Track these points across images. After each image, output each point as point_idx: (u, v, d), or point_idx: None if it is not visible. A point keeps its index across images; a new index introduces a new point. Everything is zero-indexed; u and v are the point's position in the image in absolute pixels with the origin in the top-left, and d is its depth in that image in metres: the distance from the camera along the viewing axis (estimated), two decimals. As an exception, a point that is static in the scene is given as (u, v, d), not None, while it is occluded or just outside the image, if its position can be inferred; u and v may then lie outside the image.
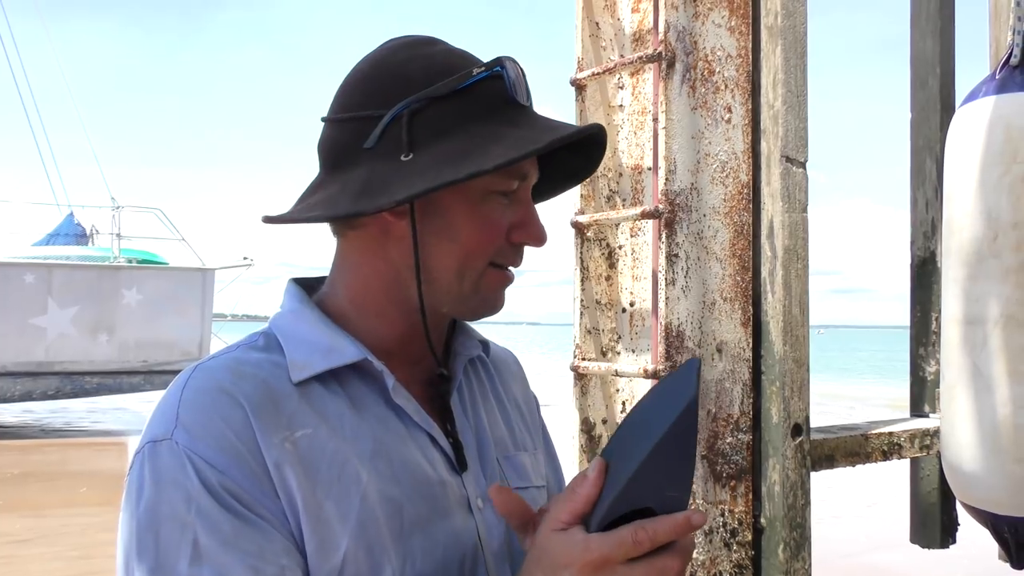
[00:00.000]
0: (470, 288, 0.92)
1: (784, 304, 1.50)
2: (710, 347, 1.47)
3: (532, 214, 0.94)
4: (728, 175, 1.50)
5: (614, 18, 1.62)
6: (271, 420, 0.83)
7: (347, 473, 0.84)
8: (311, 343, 0.90)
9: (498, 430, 1.04)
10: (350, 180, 0.90)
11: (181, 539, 0.76)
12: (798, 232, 1.52)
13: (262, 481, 0.80)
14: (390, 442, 0.89)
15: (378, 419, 0.90)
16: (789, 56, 1.52)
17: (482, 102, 0.90)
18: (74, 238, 16.22)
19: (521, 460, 1.04)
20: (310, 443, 0.84)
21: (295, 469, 0.82)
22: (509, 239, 0.92)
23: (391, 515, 0.85)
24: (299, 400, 0.86)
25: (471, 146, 0.87)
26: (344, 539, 0.82)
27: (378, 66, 0.93)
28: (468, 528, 0.92)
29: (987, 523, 1.48)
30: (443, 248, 0.90)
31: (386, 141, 0.89)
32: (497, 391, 1.09)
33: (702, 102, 1.48)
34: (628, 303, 1.57)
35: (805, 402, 1.52)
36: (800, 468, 1.50)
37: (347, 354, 0.90)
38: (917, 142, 2.10)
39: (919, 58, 2.10)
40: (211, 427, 0.81)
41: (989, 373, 1.39)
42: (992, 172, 1.40)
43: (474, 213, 0.90)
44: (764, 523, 1.49)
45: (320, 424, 0.85)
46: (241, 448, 0.80)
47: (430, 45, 0.94)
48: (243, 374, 0.85)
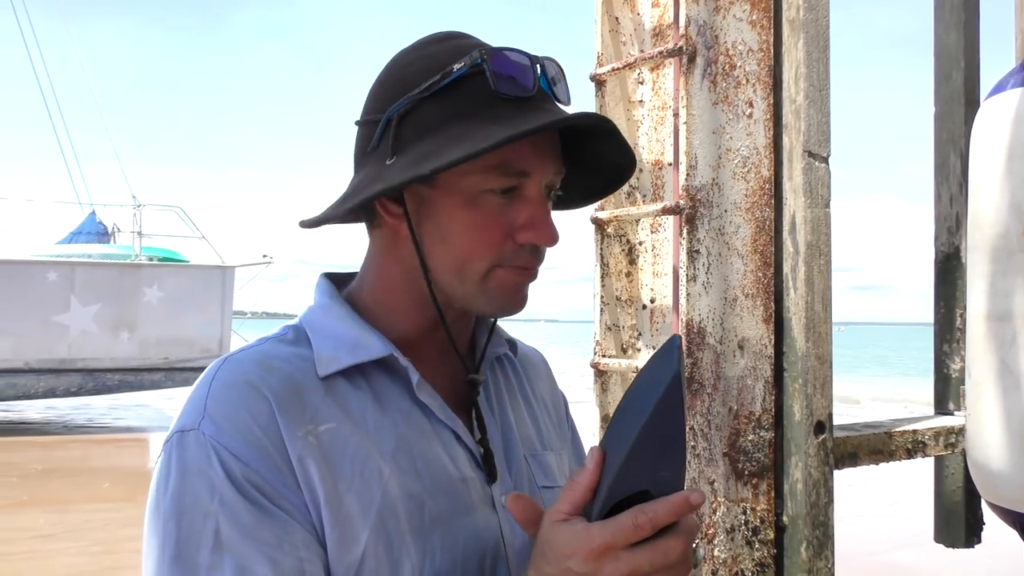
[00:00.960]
0: (474, 289, 0.91)
1: (807, 300, 1.48)
2: (731, 344, 1.45)
3: (537, 213, 0.90)
4: (750, 170, 1.49)
5: (634, 13, 1.61)
6: (296, 414, 0.84)
7: (369, 468, 0.85)
8: (338, 338, 0.91)
9: (525, 429, 1.03)
10: (353, 183, 0.93)
11: (203, 528, 0.78)
12: (821, 228, 1.50)
13: (285, 474, 0.81)
14: (413, 438, 0.89)
15: (402, 415, 0.90)
16: (811, 50, 1.50)
17: (467, 99, 0.88)
18: (96, 236, 16.37)
19: (548, 459, 1.04)
20: (333, 437, 0.85)
21: (318, 463, 0.82)
22: (515, 239, 0.90)
23: (412, 510, 0.86)
24: (324, 394, 0.87)
25: (437, 147, 0.86)
26: (364, 533, 0.83)
27: (388, 69, 0.94)
28: (491, 526, 0.92)
29: (1015, 523, 1.46)
30: (438, 250, 0.90)
31: (382, 145, 0.90)
32: (524, 390, 1.08)
33: (723, 97, 1.46)
34: (648, 299, 1.56)
35: (828, 399, 1.50)
36: (823, 466, 1.49)
37: (373, 349, 0.90)
38: (941, 136, 2.07)
39: (943, 51, 2.08)
40: (237, 419, 0.82)
41: (1019, 370, 1.36)
42: (1020, 164, 1.38)
43: (463, 215, 0.89)
44: (786, 521, 1.48)
45: (344, 419, 0.86)
46: (266, 441, 0.82)
47: (440, 42, 0.93)
48: (271, 368, 0.86)
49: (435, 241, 0.90)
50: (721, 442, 1.43)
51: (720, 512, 1.43)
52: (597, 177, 1.00)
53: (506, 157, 0.86)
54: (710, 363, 1.42)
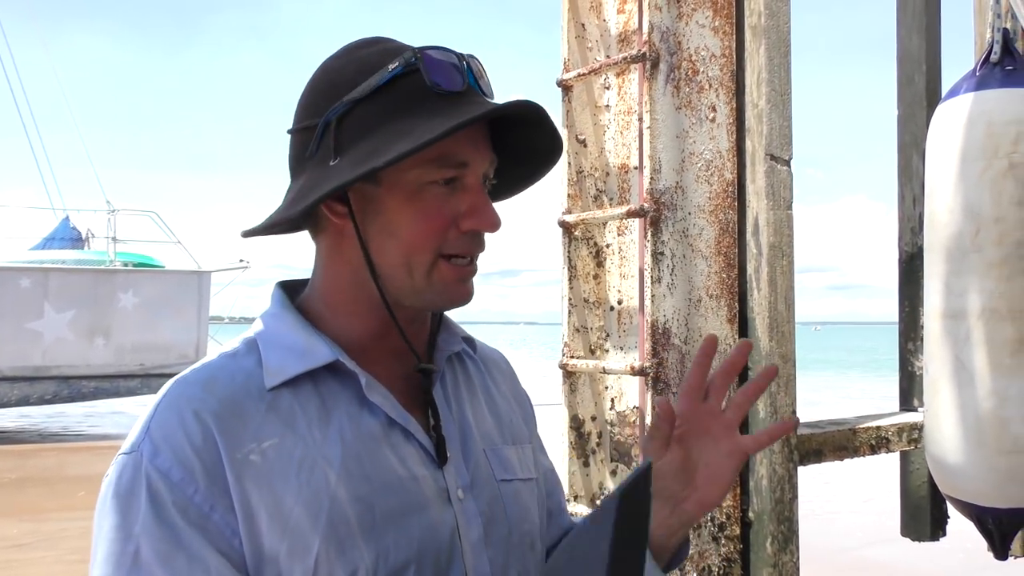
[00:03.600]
0: (422, 281, 0.93)
1: (770, 300, 1.51)
2: (696, 344, 1.48)
3: (479, 200, 0.94)
4: (713, 173, 1.52)
5: (600, 19, 1.63)
6: (237, 434, 0.87)
7: (316, 477, 0.87)
8: (287, 346, 0.94)
9: (484, 424, 1.05)
10: (293, 189, 0.95)
11: (125, 549, 0.82)
12: (783, 229, 1.53)
13: (217, 498, 0.84)
14: (360, 442, 0.92)
15: (350, 419, 0.92)
16: (773, 55, 1.54)
17: (403, 97, 0.91)
18: (70, 242, 16.18)
19: (507, 453, 1.06)
20: (278, 452, 0.87)
21: (260, 481, 0.85)
22: (459, 228, 0.93)
23: (362, 513, 0.88)
24: (268, 408, 0.89)
25: (380, 144, 0.89)
26: (316, 541, 0.85)
27: (319, 75, 0.96)
28: (445, 520, 0.94)
29: (971, 515, 1.50)
30: (387, 245, 0.93)
31: (322, 148, 0.93)
32: (487, 386, 1.11)
33: (686, 101, 1.49)
34: (616, 301, 1.59)
35: (792, 397, 1.54)
36: (787, 463, 1.52)
37: (320, 356, 0.93)
38: (904, 138, 2.12)
39: (905, 55, 2.12)
40: (174, 442, 0.85)
41: (972, 367, 1.40)
42: (973, 167, 1.42)
43: (410, 207, 0.92)
44: (752, 517, 1.51)
45: (288, 431, 0.89)
46: (199, 465, 0.84)
47: (369, 46, 0.96)
48: (214, 388, 0.89)
49: (383, 236, 0.93)
50: (687, 440, 1.46)
51: (686, 509, 1.45)
52: (524, 167, 1.03)
53: (446, 149, 0.90)
54: (675, 363, 1.44)
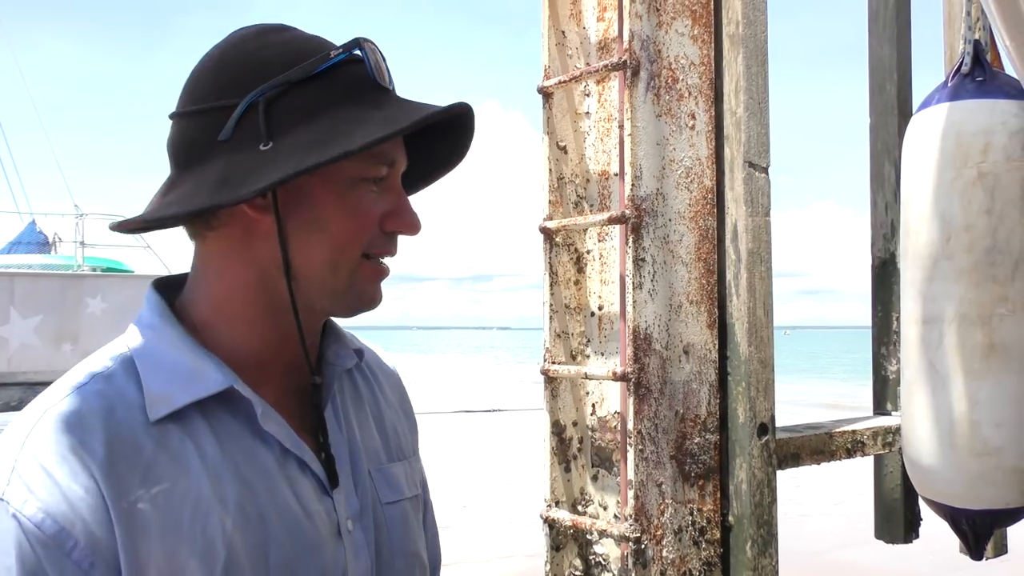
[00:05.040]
0: (345, 282, 0.89)
1: (749, 306, 1.53)
2: (677, 349, 1.49)
3: (404, 201, 0.91)
4: (693, 180, 1.53)
5: (580, 27, 1.65)
6: (123, 479, 0.78)
7: (211, 524, 0.81)
8: (171, 369, 0.85)
9: (372, 441, 1.00)
10: (206, 174, 0.85)
11: None
12: (761, 236, 1.56)
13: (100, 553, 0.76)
14: (256, 480, 0.85)
15: (246, 454, 0.86)
16: (750, 64, 1.56)
17: (343, 85, 0.87)
18: (36, 246, 15.95)
19: (393, 471, 1.01)
20: (168, 498, 0.80)
21: (152, 532, 0.78)
22: (382, 228, 0.89)
23: (257, 561, 0.82)
24: (156, 446, 0.81)
25: (335, 130, 0.84)
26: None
27: (229, 55, 0.88)
28: (337, 558, 0.89)
29: (947, 516, 1.53)
30: (313, 241, 0.86)
31: (243, 131, 0.85)
32: (374, 396, 1.05)
33: (666, 109, 1.51)
34: (597, 307, 1.60)
35: (770, 402, 1.56)
36: (766, 467, 1.54)
37: (211, 382, 0.85)
38: (876, 146, 2.15)
39: (877, 64, 2.16)
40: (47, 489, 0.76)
41: (945, 371, 1.43)
42: (945, 177, 1.45)
43: (343, 202, 0.87)
44: (732, 521, 1.53)
45: (180, 473, 0.81)
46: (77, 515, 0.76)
47: (282, 32, 0.91)
48: (93, 423, 0.80)
49: (309, 231, 0.86)
50: (668, 445, 1.47)
51: (668, 513, 1.47)
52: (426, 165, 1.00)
53: (384, 146, 0.87)
54: (656, 368, 1.46)
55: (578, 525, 1.54)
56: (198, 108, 0.87)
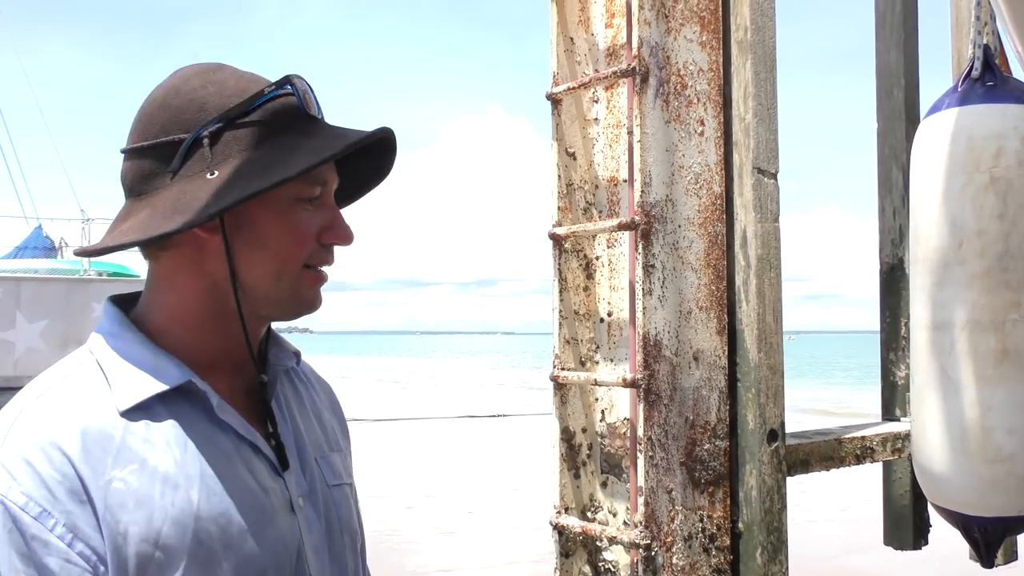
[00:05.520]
0: (287, 291, 1.00)
1: (758, 312, 1.53)
2: (687, 355, 1.49)
3: (338, 216, 1.03)
4: (702, 186, 1.53)
5: (588, 33, 1.65)
6: (99, 463, 0.88)
7: (179, 497, 0.91)
8: (134, 367, 0.95)
9: (313, 433, 1.12)
10: (159, 203, 0.96)
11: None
12: (770, 242, 1.55)
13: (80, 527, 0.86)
14: (217, 459, 0.96)
15: (205, 437, 0.96)
16: (759, 70, 1.56)
17: (276, 118, 0.98)
18: (43, 251, 16.00)
19: (334, 459, 1.14)
20: (140, 477, 0.90)
21: (130, 505, 0.88)
22: (319, 241, 1.01)
23: (223, 528, 0.93)
24: (125, 432, 0.91)
25: (272, 158, 0.95)
26: (183, 557, 0.90)
27: (173, 95, 0.99)
28: (292, 528, 1.00)
29: (958, 524, 1.52)
30: (257, 256, 0.98)
31: (191, 163, 0.96)
32: (311, 396, 1.18)
33: (675, 115, 1.51)
34: (606, 313, 1.60)
35: (780, 408, 1.55)
36: (776, 473, 1.53)
37: (171, 377, 0.95)
38: (884, 151, 2.15)
39: (884, 69, 2.15)
40: (29, 475, 0.86)
41: (957, 377, 1.43)
42: (955, 182, 1.44)
43: (282, 221, 0.98)
44: (742, 528, 1.52)
45: (149, 454, 0.91)
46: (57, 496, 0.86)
47: (219, 71, 1.02)
48: (68, 416, 0.90)
49: (253, 248, 0.98)
50: (678, 451, 1.47)
51: (678, 520, 1.46)
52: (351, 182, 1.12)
53: (316, 169, 0.97)
54: (666, 375, 1.46)
55: (587, 532, 1.54)
56: (149, 143, 0.98)
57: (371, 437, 15.96)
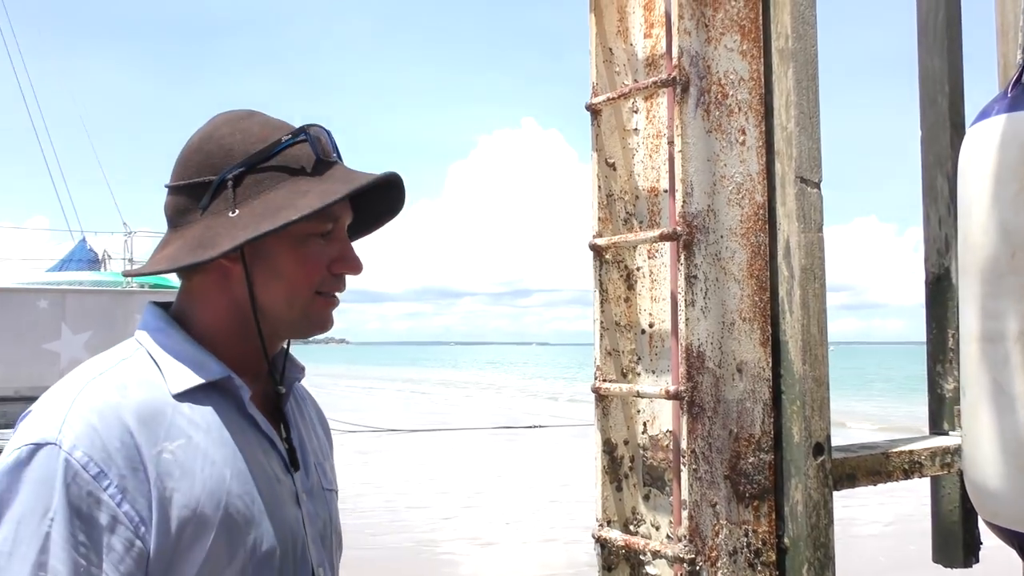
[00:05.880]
0: (299, 313, 1.13)
1: (803, 323, 1.51)
2: (730, 367, 1.47)
3: (348, 249, 1.15)
4: (744, 196, 1.52)
5: (627, 44, 1.64)
6: (152, 434, 1.01)
7: (216, 473, 1.04)
8: (182, 360, 1.09)
9: (312, 442, 1.27)
10: (189, 235, 1.10)
11: (36, 531, 0.93)
12: (814, 252, 1.53)
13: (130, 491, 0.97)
14: (244, 447, 1.09)
15: (236, 427, 1.10)
16: (800, 78, 1.54)
17: (292, 163, 1.10)
18: (87, 263, 16.32)
19: (326, 466, 1.28)
20: (186, 451, 1.03)
21: (176, 475, 1.00)
22: (330, 271, 1.13)
23: (247, 506, 1.05)
24: (175, 412, 1.04)
25: (283, 201, 1.07)
26: (215, 525, 1.02)
27: (207, 140, 1.13)
28: (297, 518, 1.13)
29: (1013, 542, 1.48)
30: (272, 284, 1.11)
31: (217, 202, 1.10)
32: (308, 412, 1.32)
33: (716, 125, 1.50)
34: (647, 324, 1.58)
35: (826, 421, 1.52)
36: (822, 487, 1.50)
37: (213, 371, 1.09)
38: (928, 159, 2.11)
39: (927, 76, 2.12)
40: (92, 438, 0.97)
41: (1012, 391, 1.39)
42: (1008, 189, 1.41)
43: (295, 254, 1.11)
44: (788, 543, 1.49)
45: (194, 432, 1.04)
46: (115, 460, 0.97)
47: (248, 119, 1.15)
48: (128, 392, 1.03)
49: (269, 277, 1.10)
50: (722, 465, 1.45)
51: (723, 535, 1.44)
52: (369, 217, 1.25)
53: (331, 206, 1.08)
54: (710, 386, 1.44)
55: (630, 545, 1.52)
56: (184, 183, 1.13)
57: (408, 448, 16.01)
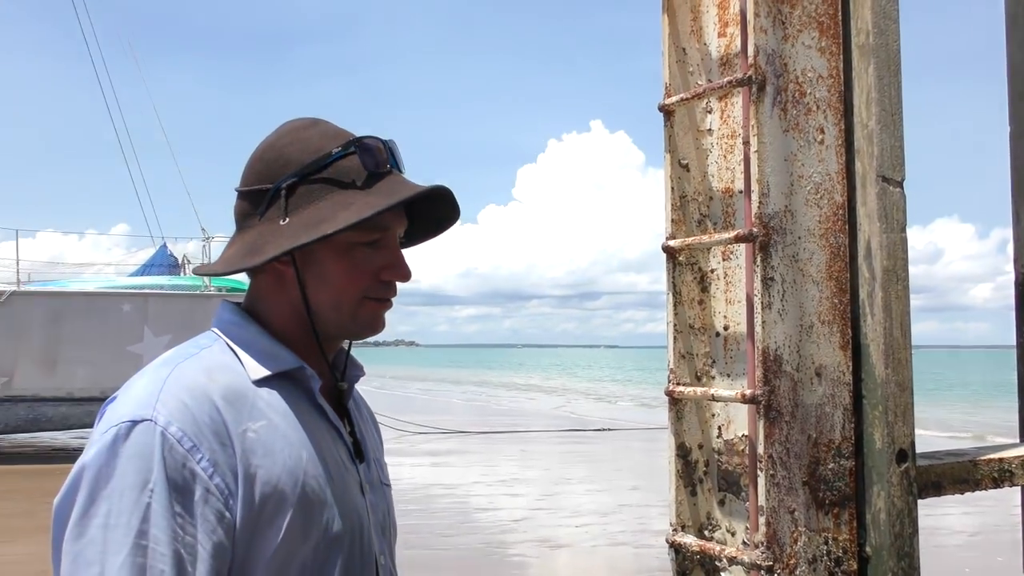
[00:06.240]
0: (348, 318, 1.17)
1: (884, 326, 1.47)
2: (808, 371, 1.44)
3: (396, 256, 1.19)
4: (822, 196, 1.48)
5: (700, 43, 1.62)
6: (237, 414, 1.06)
7: (294, 455, 1.08)
8: (258, 350, 1.14)
9: (371, 438, 1.32)
10: (247, 239, 1.17)
11: (138, 501, 0.97)
12: (897, 252, 1.49)
13: (219, 465, 1.02)
14: (317, 433, 1.14)
15: (308, 415, 1.14)
16: (882, 74, 1.50)
17: (343, 175, 1.14)
18: (167, 268, 16.88)
19: (383, 463, 1.33)
20: (268, 431, 1.08)
21: (260, 453, 1.05)
22: (379, 278, 1.17)
23: (320, 487, 1.10)
24: (256, 396, 1.09)
25: (327, 212, 1.11)
26: (293, 503, 1.06)
27: (268, 149, 1.18)
28: (362, 505, 1.18)
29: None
30: (321, 288, 1.15)
31: (272, 209, 1.15)
32: (364, 411, 1.36)
33: (794, 124, 1.47)
34: (722, 327, 1.56)
35: (910, 427, 1.48)
36: (906, 495, 1.46)
37: (287, 361, 1.14)
38: (1018, 156, 2.03)
39: (1017, 71, 2.04)
40: (185, 416, 1.02)
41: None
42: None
43: (341, 261, 1.15)
44: (870, 552, 1.45)
45: (274, 415, 1.09)
46: (205, 436, 1.02)
47: (310, 128, 1.18)
48: (214, 375, 1.08)
49: (318, 283, 1.15)
50: (800, 470, 1.42)
51: (801, 542, 1.41)
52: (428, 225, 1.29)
53: (374, 218, 1.12)
54: (787, 391, 1.41)
55: (706, 551, 1.50)
56: (247, 189, 1.18)
57: (477, 449, 16.10)
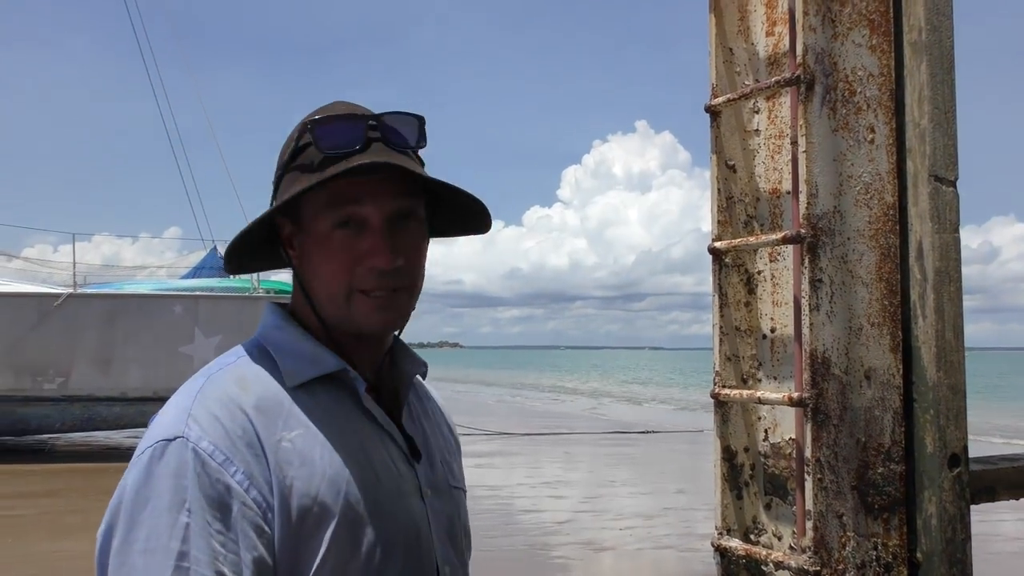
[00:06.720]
0: (343, 312, 1.11)
1: (936, 329, 1.44)
2: (858, 374, 1.42)
3: (376, 240, 1.09)
4: (872, 196, 1.46)
5: (748, 43, 1.61)
6: (271, 424, 1.02)
7: (335, 463, 1.04)
8: (297, 354, 1.10)
9: (438, 439, 1.25)
10: None
11: (176, 521, 0.95)
12: (950, 253, 1.46)
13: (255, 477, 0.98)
14: (364, 438, 1.09)
15: (354, 418, 1.10)
16: (935, 72, 1.47)
17: (304, 160, 1.11)
18: (217, 271, 17.15)
19: (454, 465, 1.26)
20: (304, 441, 1.03)
21: (295, 464, 1.01)
22: (362, 265, 1.09)
23: (368, 496, 1.05)
24: (293, 403, 1.06)
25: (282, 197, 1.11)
26: (335, 514, 1.02)
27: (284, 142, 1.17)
28: (422, 512, 1.12)
29: None
30: (314, 284, 1.12)
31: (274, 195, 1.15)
32: (434, 410, 1.30)
33: (843, 123, 1.45)
34: (769, 329, 1.55)
35: (962, 431, 1.45)
36: (959, 500, 1.43)
37: (328, 364, 1.10)
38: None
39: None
40: (216, 430, 0.99)
41: None
42: None
43: (322, 249, 1.10)
44: (920, 558, 1.43)
45: (311, 423, 1.05)
46: (238, 449, 0.99)
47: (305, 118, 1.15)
48: (246, 385, 1.05)
49: (311, 276, 1.12)
50: (849, 474, 1.40)
51: (850, 547, 1.39)
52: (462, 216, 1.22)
53: (336, 191, 1.07)
54: (836, 394, 1.39)
55: (752, 555, 1.49)
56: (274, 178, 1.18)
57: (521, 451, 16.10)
